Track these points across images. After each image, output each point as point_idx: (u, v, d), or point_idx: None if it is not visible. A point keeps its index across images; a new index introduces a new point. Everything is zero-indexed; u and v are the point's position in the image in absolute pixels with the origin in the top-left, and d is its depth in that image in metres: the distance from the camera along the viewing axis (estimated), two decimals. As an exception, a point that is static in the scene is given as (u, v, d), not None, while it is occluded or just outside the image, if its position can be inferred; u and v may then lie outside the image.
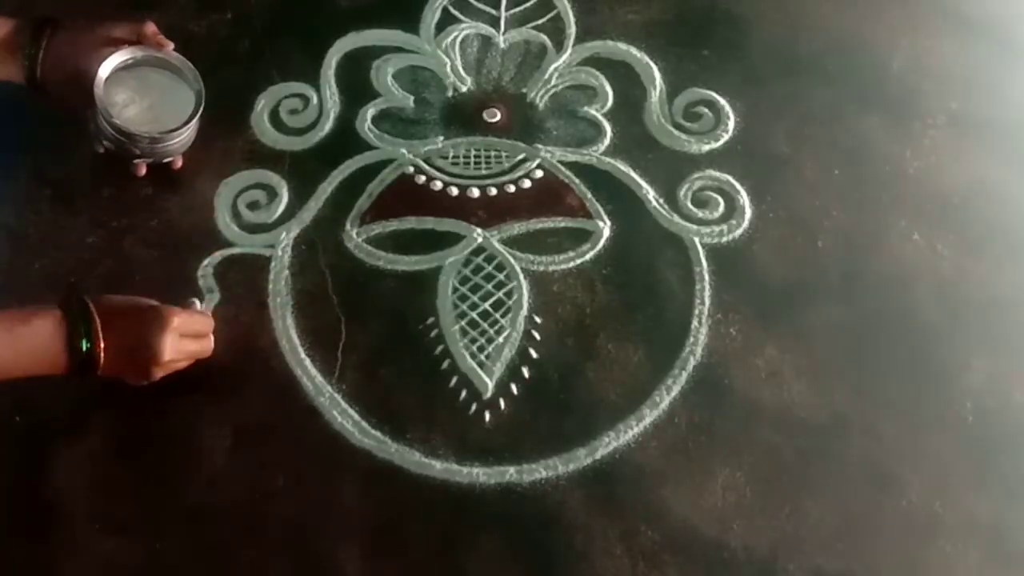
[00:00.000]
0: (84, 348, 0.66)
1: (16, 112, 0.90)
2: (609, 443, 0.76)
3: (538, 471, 0.74)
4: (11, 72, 0.77)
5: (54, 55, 0.77)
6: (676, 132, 0.91)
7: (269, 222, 0.86)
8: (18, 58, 0.76)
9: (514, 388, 0.78)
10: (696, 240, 0.85)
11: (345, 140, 0.91)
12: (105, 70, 0.79)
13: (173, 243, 0.84)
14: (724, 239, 0.86)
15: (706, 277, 0.83)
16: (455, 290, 0.83)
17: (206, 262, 0.83)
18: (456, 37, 0.97)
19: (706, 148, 0.91)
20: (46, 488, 0.73)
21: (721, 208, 0.87)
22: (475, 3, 1.00)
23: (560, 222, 0.87)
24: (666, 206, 0.87)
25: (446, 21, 0.98)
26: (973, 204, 0.88)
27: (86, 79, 0.77)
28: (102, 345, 0.67)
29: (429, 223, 0.86)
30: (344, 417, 0.76)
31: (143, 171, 0.84)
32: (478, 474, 0.74)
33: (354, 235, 0.85)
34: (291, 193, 0.87)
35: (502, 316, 0.81)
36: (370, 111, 0.92)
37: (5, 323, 0.65)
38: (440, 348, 0.80)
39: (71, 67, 0.77)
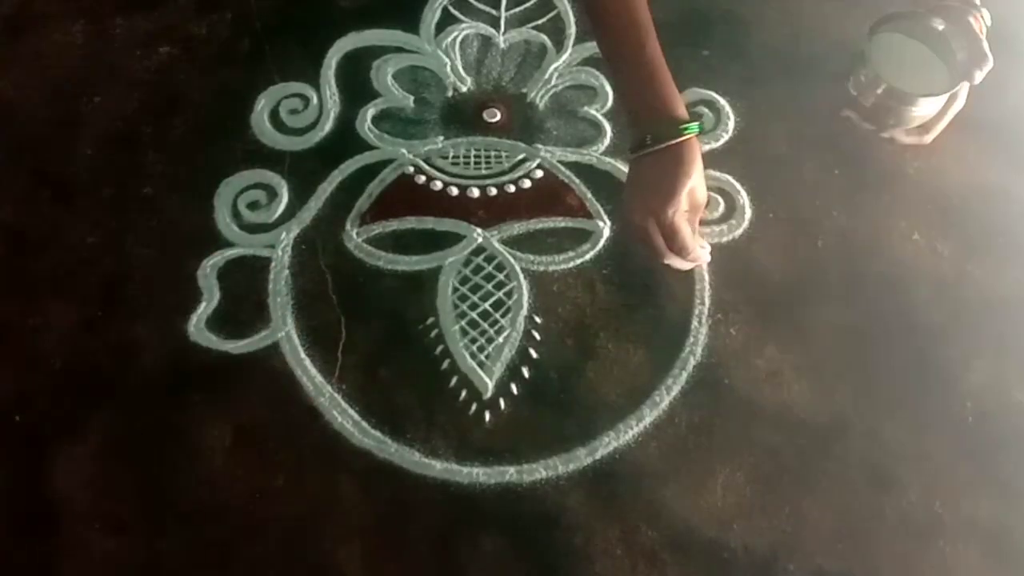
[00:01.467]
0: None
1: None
2: (609, 443, 0.76)
3: (538, 471, 0.74)
4: None
5: None
6: (676, 132, 0.91)
7: (269, 222, 0.86)
8: None
9: (514, 388, 0.78)
10: (696, 240, 0.85)
11: (345, 140, 0.91)
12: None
13: (173, 243, 0.84)
14: (724, 239, 0.86)
15: (706, 277, 0.83)
16: (455, 290, 0.83)
17: (206, 262, 0.83)
18: (456, 37, 0.97)
19: (706, 148, 0.91)
20: (46, 488, 0.73)
21: (721, 208, 0.87)
22: (475, 3, 1.00)
23: (560, 222, 0.87)
24: (666, 206, 0.87)
25: (446, 21, 0.98)
26: (973, 205, 0.88)
27: None
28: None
29: (429, 223, 0.86)
30: (344, 417, 0.76)
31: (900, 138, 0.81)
32: (478, 474, 0.74)
33: (354, 235, 0.85)
34: (291, 193, 0.87)
35: (502, 316, 0.81)
36: (370, 111, 0.92)
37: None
38: (440, 348, 0.80)
39: None
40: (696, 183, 0.69)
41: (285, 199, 0.87)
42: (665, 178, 0.68)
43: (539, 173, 0.89)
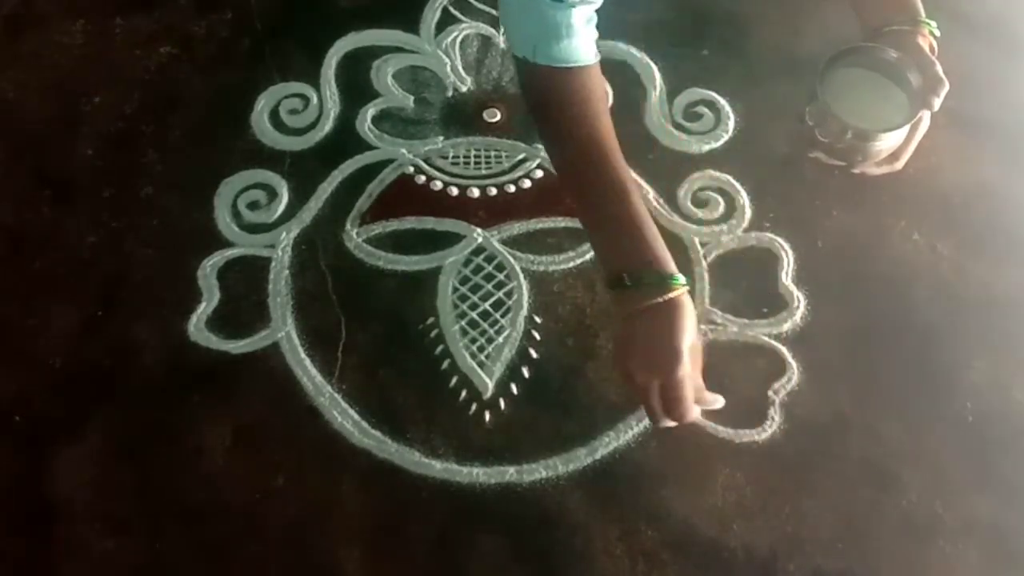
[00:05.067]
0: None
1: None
2: (609, 443, 0.76)
3: (538, 471, 0.74)
4: None
5: None
6: (676, 132, 0.91)
7: (269, 222, 0.86)
8: None
9: (514, 388, 0.78)
10: (696, 240, 0.85)
11: (345, 140, 0.91)
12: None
13: (173, 243, 0.85)
14: (724, 239, 0.85)
15: (706, 277, 0.83)
16: (455, 290, 0.83)
17: (206, 262, 0.83)
18: (456, 37, 0.97)
19: (706, 148, 0.91)
20: (46, 488, 0.73)
21: (721, 208, 0.87)
22: (475, 3, 1.00)
23: (560, 222, 0.86)
24: (666, 206, 0.87)
25: (446, 21, 0.98)
26: (973, 204, 0.88)
27: None
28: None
29: (429, 223, 0.86)
30: (344, 417, 0.76)
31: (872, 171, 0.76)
32: (478, 474, 0.74)
33: (354, 235, 0.85)
34: (291, 193, 0.87)
35: (502, 316, 0.81)
36: (370, 111, 0.92)
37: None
38: (440, 348, 0.80)
39: None
40: (695, 337, 0.62)
41: (285, 199, 0.87)
42: (664, 335, 0.61)
43: (539, 173, 0.89)
